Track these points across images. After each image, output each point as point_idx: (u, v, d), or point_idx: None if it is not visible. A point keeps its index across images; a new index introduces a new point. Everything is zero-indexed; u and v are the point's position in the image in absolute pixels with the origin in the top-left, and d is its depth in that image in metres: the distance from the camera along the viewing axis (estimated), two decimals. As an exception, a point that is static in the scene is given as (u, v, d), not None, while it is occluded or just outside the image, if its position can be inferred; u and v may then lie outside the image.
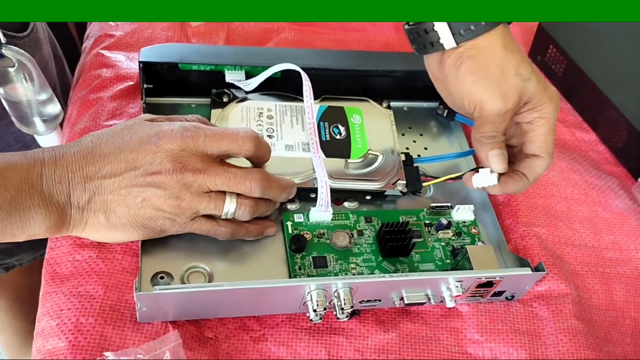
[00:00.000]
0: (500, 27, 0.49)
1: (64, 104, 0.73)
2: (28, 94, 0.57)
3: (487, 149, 0.51)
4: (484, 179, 0.52)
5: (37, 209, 0.45)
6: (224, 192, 0.48)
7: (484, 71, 0.49)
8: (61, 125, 0.62)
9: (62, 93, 0.75)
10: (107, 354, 0.45)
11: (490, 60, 0.49)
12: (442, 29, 0.49)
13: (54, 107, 0.59)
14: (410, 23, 0.51)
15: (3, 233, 0.45)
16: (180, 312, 0.48)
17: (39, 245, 0.84)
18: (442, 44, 0.49)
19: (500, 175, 0.52)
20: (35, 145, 0.63)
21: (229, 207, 0.48)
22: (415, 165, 0.58)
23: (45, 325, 0.47)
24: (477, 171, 0.53)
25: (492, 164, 0.52)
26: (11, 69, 0.55)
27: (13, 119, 0.58)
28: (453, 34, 0.48)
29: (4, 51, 0.54)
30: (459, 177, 0.56)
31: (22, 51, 0.55)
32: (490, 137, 0.51)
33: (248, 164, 0.52)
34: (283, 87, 0.61)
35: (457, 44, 0.49)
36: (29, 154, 0.46)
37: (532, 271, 0.50)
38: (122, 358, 0.44)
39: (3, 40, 0.54)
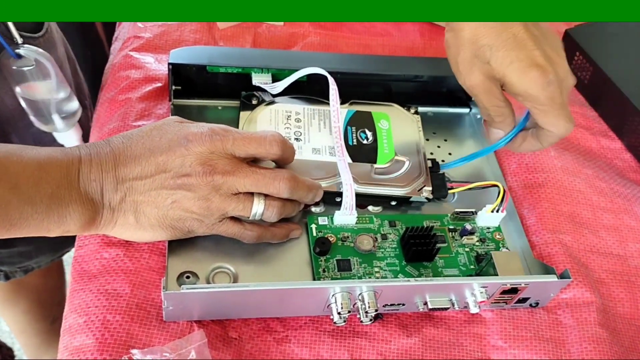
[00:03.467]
0: None
1: (80, 105, 0.74)
2: (46, 92, 0.57)
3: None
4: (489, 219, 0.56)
5: (74, 206, 0.46)
6: (252, 194, 0.49)
7: (452, 47, 0.51)
8: (82, 124, 0.62)
9: (76, 93, 0.76)
10: (134, 351, 0.45)
11: (458, 39, 0.50)
12: None
13: (73, 104, 0.60)
14: None
15: (39, 226, 0.46)
16: (206, 312, 0.48)
17: (57, 247, 0.85)
18: None
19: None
20: (55, 146, 0.64)
21: (257, 208, 0.49)
22: (441, 171, 0.58)
23: (73, 322, 0.48)
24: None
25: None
26: (28, 69, 0.55)
27: (31, 117, 0.59)
28: None
29: (22, 51, 0.54)
30: (485, 187, 0.57)
31: (40, 50, 0.55)
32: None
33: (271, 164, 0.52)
34: (308, 91, 0.61)
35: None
36: (67, 151, 0.47)
37: (558, 278, 0.50)
38: (148, 356, 0.45)
39: (20, 41, 0.54)
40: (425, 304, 0.50)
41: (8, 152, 0.45)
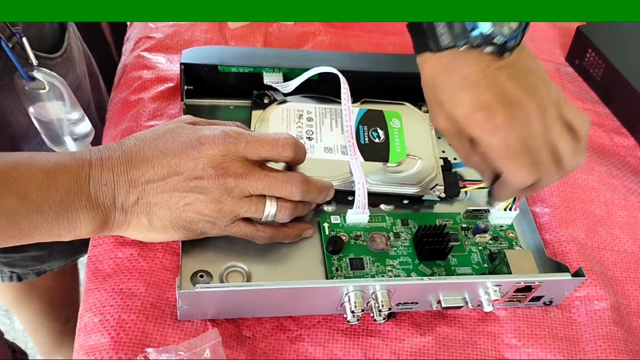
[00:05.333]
0: (428, 56, 0.47)
1: (99, 120, 0.74)
2: (59, 113, 0.57)
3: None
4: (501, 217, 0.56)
5: (84, 211, 0.46)
6: (264, 196, 0.49)
7: (423, 88, 0.49)
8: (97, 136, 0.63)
9: (97, 109, 0.76)
10: (149, 350, 0.45)
11: (423, 81, 0.49)
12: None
13: (85, 126, 0.60)
14: None
15: (50, 233, 0.46)
16: (220, 311, 0.49)
17: (70, 253, 0.86)
18: None
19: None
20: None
21: (270, 210, 0.49)
22: (453, 170, 0.58)
23: (88, 321, 0.48)
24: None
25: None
26: (42, 91, 0.55)
27: (44, 137, 0.59)
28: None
29: (35, 74, 0.55)
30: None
31: (53, 73, 0.56)
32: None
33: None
34: (320, 90, 0.61)
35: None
36: (77, 155, 0.47)
37: (572, 276, 0.50)
38: (163, 355, 0.45)
39: (35, 63, 0.55)
40: (439, 302, 0.50)
41: (16, 162, 0.45)
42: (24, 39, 0.54)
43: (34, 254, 0.80)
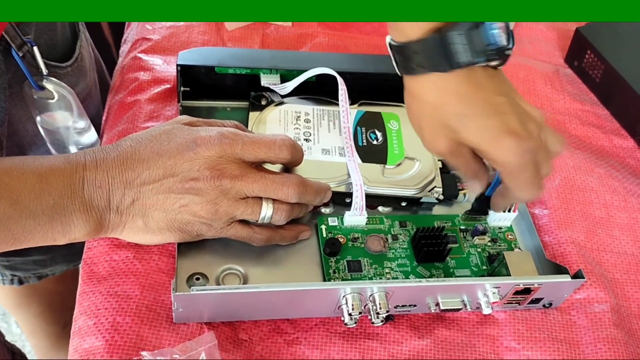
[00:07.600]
0: (436, 75, 0.45)
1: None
2: (66, 122, 0.57)
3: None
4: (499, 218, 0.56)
5: (78, 214, 0.46)
6: (261, 198, 0.48)
7: (415, 112, 0.49)
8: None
9: None
10: (144, 353, 0.45)
11: (420, 105, 0.48)
12: (393, 59, 0.48)
13: (90, 136, 0.60)
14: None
15: (44, 237, 0.45)
16: (216, 314, 0.48)
17: (72, 258, 0.85)
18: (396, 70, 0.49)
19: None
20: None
21: (266, 212, 0.48)
22: (452, 172, 0.57)
23: (82, 324, 0.48)
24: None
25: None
26: (51, 101, 0.55)
27: (49, 145, 0.59)
28: (396, 64, 0.48)
29: (45, 84, 0.55)
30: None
31: (63, 83, 0.56)
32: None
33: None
34: (317, 91, 0.61)
35: (400, 74, 0.48)
36: (71, 158, 0.47)
37: (571, 278, 0.49)
38: (158, 358, 0.44)
39: (45, 72, 0.55)
40: (437, 305, 0.49)
41: (8, 166, 0.45)
42: (35, 48, 0.53)
43: (36, 258, 0.80)
